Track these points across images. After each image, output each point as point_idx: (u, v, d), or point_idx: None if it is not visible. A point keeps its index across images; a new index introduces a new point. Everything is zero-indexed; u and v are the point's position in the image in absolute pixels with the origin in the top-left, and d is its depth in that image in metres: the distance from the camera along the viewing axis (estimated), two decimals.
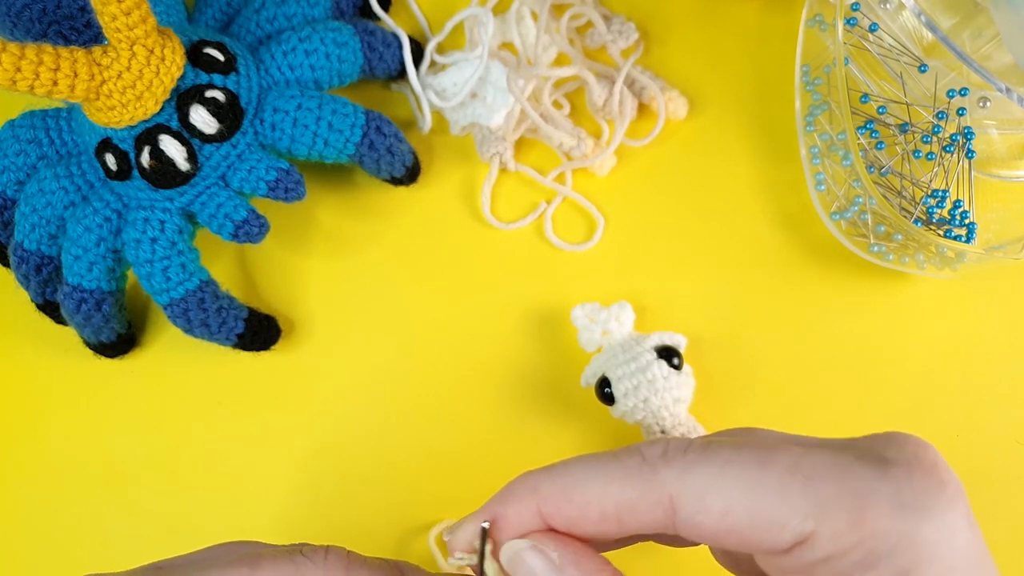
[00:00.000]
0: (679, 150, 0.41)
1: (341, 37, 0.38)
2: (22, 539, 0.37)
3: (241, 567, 0.21)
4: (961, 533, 0.18)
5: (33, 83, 0.28)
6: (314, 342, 0.39)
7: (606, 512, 0.19)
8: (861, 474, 0.17)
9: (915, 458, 0.18)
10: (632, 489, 0.19)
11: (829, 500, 0.17)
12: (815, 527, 0.17)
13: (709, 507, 0.18)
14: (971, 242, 0.35)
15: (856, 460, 0.18)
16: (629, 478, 0.19)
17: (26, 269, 0.36)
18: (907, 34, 0.37)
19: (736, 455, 0.18)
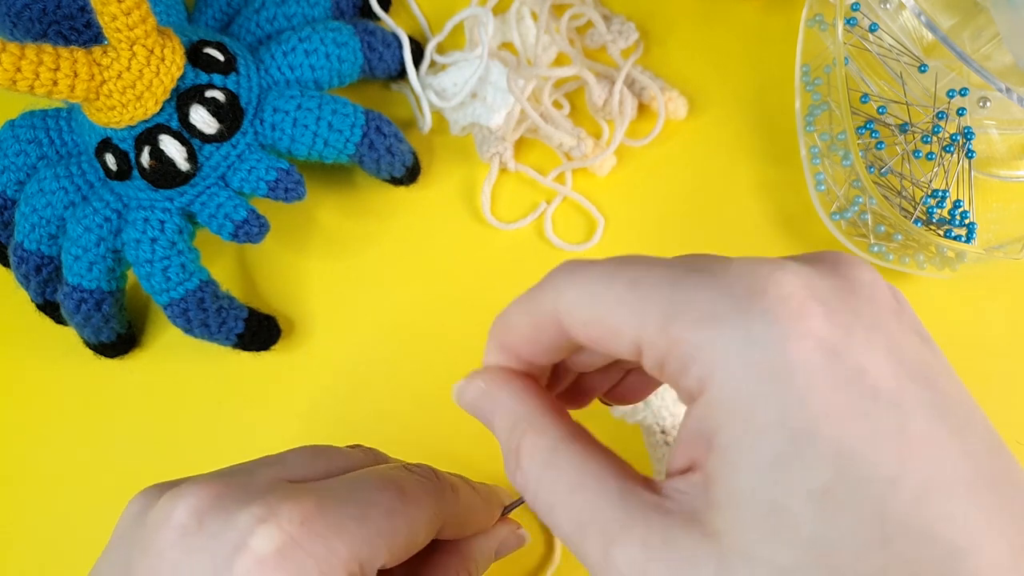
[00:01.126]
0: (679, 150, 0.41)
1: (341, 37, 0.38)
2: (22, 539, 0.37)
3: (392, 490, 0.22)
4: (766, 348, 0.15)
5: (33, 83, 0.28)
6: (314, 342, 0.39)
7: (525, 334, 0.21)
8: (685, 285, 0.17)
9: (751, 272, 0.16)
10: (535, 312, 0.21)
11: (647, 310, 0.17)
12: (638, 335, 0.17)
13: (575, 319, 0.19)
14: (971, 242, 0.35)
15: (688, 271, 0.17)
16: (532, 302, 0.21)
17: (26, 269, 0.36)
18: (907, 34, 0.37)
19: (598, 271, 0.19)
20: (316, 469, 0.23)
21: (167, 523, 0.21)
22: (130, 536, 0.22)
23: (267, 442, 0.37)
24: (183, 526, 0.20)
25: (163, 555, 0.20)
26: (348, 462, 0.24)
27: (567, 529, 0.17)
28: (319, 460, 0.24)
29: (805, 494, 0.14)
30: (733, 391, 0.15)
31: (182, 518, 0.21)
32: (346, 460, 0.24)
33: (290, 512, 0.20)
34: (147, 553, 0.21)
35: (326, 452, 0.25)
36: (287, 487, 0.21)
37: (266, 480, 0.22)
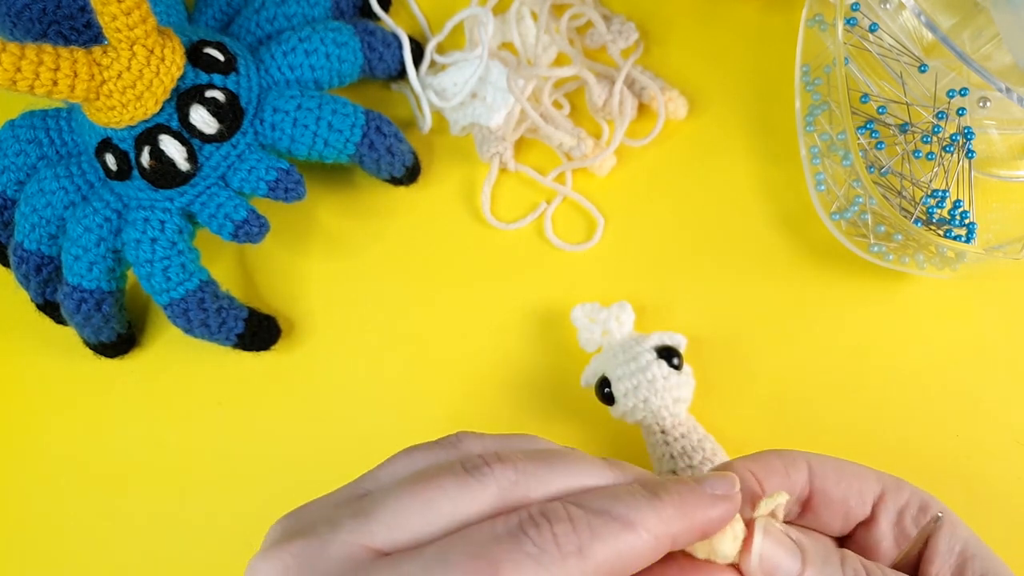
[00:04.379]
0: (679, 150, 0.41)
1: (341, 37, 0.38)
2: (22, 539, 0.37)
3: (482, 567, 0.18)
4: None
5: (33, 83, 0.28)
6: (314, 342, 0.39)
7: (865, 496, 0.25)
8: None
9: None
10: (786, 459, 0.25)
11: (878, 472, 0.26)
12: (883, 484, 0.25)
13: (827, 466, 0.25)
14: (971, 242, 0.35)
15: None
16: (782, 455, 0.25)
17: (26, 269, 0.36)
18: (907, 34, 0.37)
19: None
20: (409, 526, 0.20)
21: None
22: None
23: (267, 442, 0.38)
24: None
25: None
26: (460, 504, 0.20)
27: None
28: (414, 510, 0.20)
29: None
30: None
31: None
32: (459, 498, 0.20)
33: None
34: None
35: (431, 487, 0.20)
36: (352, 572, 0.19)
37: (343, 554, 0.19)
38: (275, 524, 0.22)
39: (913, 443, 0.36)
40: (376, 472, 0.22)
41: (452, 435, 0.23)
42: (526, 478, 0.20)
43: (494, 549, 0.18)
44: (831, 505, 0.25)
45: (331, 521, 0.20)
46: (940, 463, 0.35)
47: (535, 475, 0.20)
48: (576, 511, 0.19)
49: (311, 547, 0.19)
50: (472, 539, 0.19)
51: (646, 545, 0.20)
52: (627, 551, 0.19)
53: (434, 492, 0.20)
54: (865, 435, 0.36)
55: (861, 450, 0.35)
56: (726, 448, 0.34)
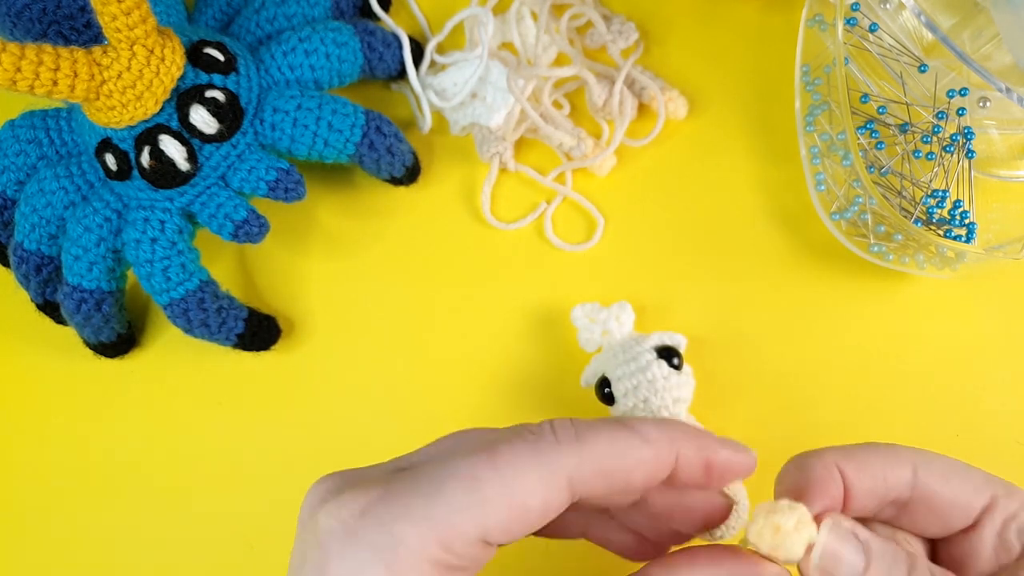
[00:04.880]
0: (679, 150, 0.41)
1: (341, 37, 0.38)
2: (22, 539, 0.37)
3: (480, 454, 0.20)
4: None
5: (33, 83, 0.28)
6: (314, 342, 0.39)
7: (875, 471, 0.23)
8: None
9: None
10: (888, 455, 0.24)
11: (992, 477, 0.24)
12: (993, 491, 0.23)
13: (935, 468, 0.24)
14: (971, 242, 0.35)
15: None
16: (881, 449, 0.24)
17: (26, 269, 0.36)
18: (907, 34, 0.37)
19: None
20: (440, 446, 0.22)
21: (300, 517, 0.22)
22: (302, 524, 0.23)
23: (267, 442, 0.38)
24: (302, 522, 0.22)
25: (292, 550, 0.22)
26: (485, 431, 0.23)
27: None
28: (446, 437, 0.23)
29: None
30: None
31: (303, 515, 0.22)
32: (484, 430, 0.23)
33: (351, 502, 0.20)
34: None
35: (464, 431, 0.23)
36: (379, 476, 0.21)
37: (378, 470, 0.22)
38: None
39: (913, 443, 0.35)
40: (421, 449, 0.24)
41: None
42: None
43: (494, 440, 0.21)
44: (933, 509, 0.24)
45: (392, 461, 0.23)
46: None
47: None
48: (579, 419, 0.22)
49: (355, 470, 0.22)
50: (475, 438, 0.22)
51: (647, 450, 0.21)
52: (625, 450, 0.21)
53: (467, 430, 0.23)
54: (865, 435, 0.36)
55: None
56: None
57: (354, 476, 0.22)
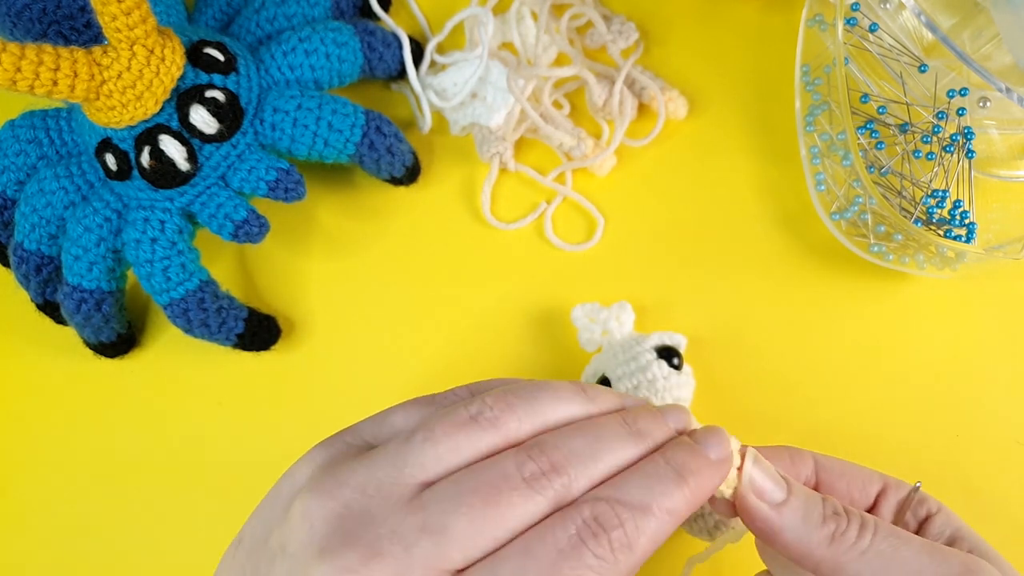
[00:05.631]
0: (679, 150, 0.41)
1: (341, 37, 0.38)
2: (22, 538, 0.37)
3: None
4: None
5: (33, 83, 0.28)
6: (314, 342, 0.39)
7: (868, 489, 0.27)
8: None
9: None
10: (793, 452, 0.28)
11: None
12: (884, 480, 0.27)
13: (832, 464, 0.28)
14: (971, 242, 0.35)
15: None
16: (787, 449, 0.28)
17: (26, 269, 0.36)
18: (907, 34, 0.37)
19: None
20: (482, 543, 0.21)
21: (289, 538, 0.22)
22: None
23: (267, 442, 0.38)
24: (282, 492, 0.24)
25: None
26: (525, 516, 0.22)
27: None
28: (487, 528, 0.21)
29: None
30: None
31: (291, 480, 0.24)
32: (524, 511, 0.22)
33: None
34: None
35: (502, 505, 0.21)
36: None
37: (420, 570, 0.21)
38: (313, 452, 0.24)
39: (913, 443, 0.36)
40: (411, 446, 0.23)
41: (484, 407, 0.23)
42: (575, 479, 0.22)
43: (562, 567, 0.20)
44: (835, 496, 0.26)
45: (400, 536, 0.21)
46: (940, 463, 0.35)
47: (584, 472, 0.22)
48: (623, 512, 0.22)
49: (391, 570, 0.20)
50: (539, 556, 0.21)
51: (674, 524, 0.23)
52: (663, 536, 0.22)
53: (504, 509, 0.21)
54: (865, 435, 0.36)
55: (861, 450, 0.35)
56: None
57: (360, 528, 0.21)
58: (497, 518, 0.21)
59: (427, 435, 0.23)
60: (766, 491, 0.24)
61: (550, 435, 0.23)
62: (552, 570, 0.20)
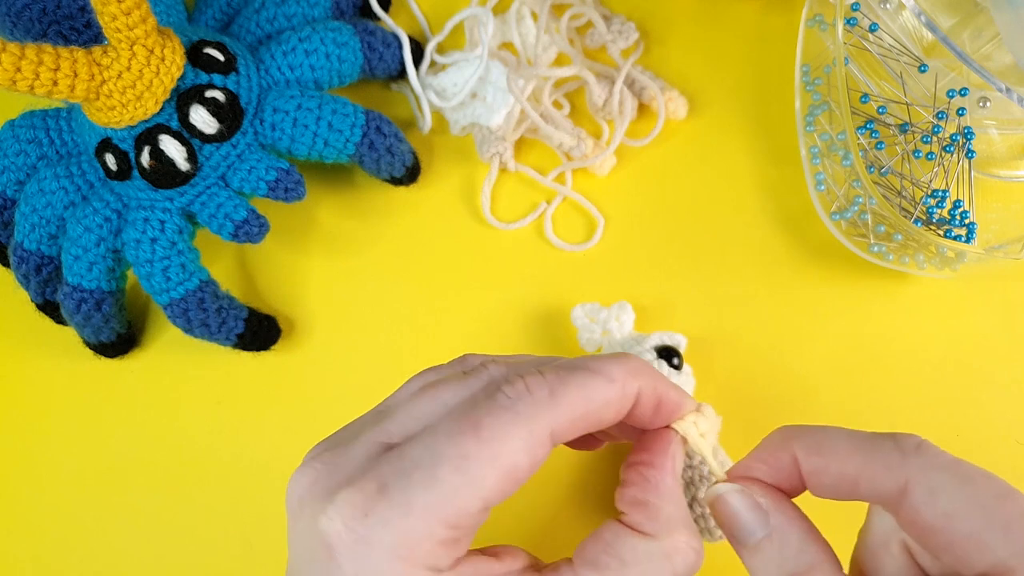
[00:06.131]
0: (679, 150, 0.41)
1: (341, 37, 0.38)
2: (22, 538, 0.37)
3: (465, 431, 0.21)
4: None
5: (33, 83, 0.28)
6: (314, 342, 0.39)
7: (846, 472, 0.22)
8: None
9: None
10: (879, 463, 0.21)
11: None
12: (1017, 567, 0.19)
13: (935, 504, 0.20)
14: (971, 242, 0.35)
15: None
16: (878, 452, 0.22)
17: (26, 269, 0.36)
18: (907, 34, 0.37)
19: (982, 480, 0.21)
20: (418, 418, 0.23)
21: (288, 505, 0.23)
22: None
23: (267, 442, 0.38)
24: (293, 513, 0.23)
25: (289, 542, 0.23)
26: (459, 392, 0.23)
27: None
28: (422, 402, 0.23)
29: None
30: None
31: (292, 505, 0.23)
32: (458, 389, 0.23)
33: (350, 505, 0.21)
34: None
35: (438, 387, 0.23)
36: (368, 464, 0.22)
37: (361, 453, 0.22)
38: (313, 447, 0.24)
39: None
40: (395, 393, 0.25)
41: (466, 359, 0.26)
42: (515, 369, 0.23)
43: (474, 409, 0.22)
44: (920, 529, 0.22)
45: (355, 432, 0.23)
46: None
47: (527, 369, 0.23)
48: (546, 367, 0.23)
49: (336, 453, 0.23)
50: (457, 409, 0.22)
51: (612, 390, 0.23)
52: (594, 393, 0.22)
53: (440, 390, 0.23)
54: None
55: None
56: (726, 448, 0.34)
57: (340, 464, 0.22)
58: (432, 398, 0.23)
59: (406, 382, 0.25)
60: (740, 529, 0.23)
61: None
62: (464, 414, 0.21)
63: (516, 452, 0.21)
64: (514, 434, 0.21)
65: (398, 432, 0.23)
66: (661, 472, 0.24)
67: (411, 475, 0.21)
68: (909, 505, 0.21)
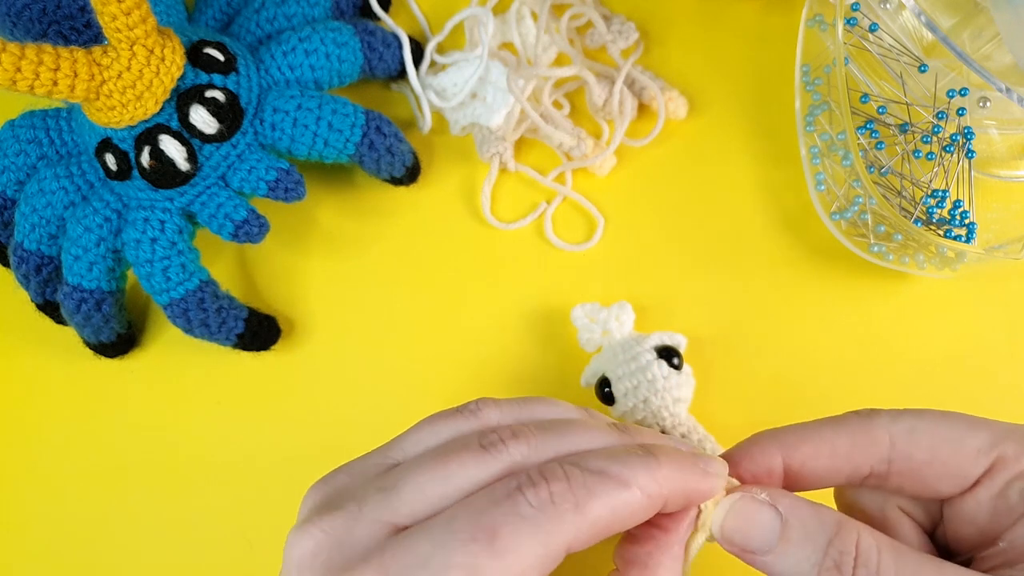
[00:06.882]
0: (679, 150, 0.41)
1: (341, 37, 0.38)
2: (22, 538, 0.37)
3: (479, 539, 0.20)
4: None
5: (33, 83, 0.28)
6: (314, 342, 0.39)
7: (837, 451, 0.23)
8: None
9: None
10: (857, 432, 0.23)
11: (1006, 434, 0.22)
12: (1000, 453, 0.22)
13: (918, 439, 0.23)
14: (971, 242, 0.35)
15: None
16: (853, 424, 0.24)
17: (26, 269, 0.36)
18: (907, 34, 0.37)
19: (927, 411, 0.24)
20: (428, 500, 0.21)
21: (285, 566, 0.22)
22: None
23: (267, 442, 0.38)
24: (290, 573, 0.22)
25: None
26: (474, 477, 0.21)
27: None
28: (434, 484, 0.21)
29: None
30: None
31: (290, 569, 0.21)
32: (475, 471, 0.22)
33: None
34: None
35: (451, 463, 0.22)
36: (373, 548, 0.21)
37: (367, 534, 0.21)
38: (309, 491, 0.23)
39: None
40: (402, 441, 0.24)
41: (472, 403, 0.24)
42: (537, 449, 0.22)
43: (493, 513, 0.20)
44: (917, 479, 0.23)
45: (359, 497, 0.22)
46: None
47: (546, 444, 0.22)
48: (573, 470, 0.21)
49: (341, 524, 0.21)
50: (474, 505, 0.20)
51: (639, 503, 0.21)
52: (621, 507, 0.21)
53: (453, 467, 0.21)
54: None
55: None
56: (726, 448, 0.34)
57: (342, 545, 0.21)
58: (446, 477, 0.21)
59: (416, 426, 0.24)
60: (754, 544, 0.22)
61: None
62: (481, 516, 0.20)
63: (530, 568, 0.20)
64: (530, 549, 0.20)
65: (407, 513, 0.21)
66: (671, 535, 0.23)
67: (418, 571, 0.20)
68: (899, 454, 0.23)
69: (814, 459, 0.24)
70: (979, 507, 0.23)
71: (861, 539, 0.21)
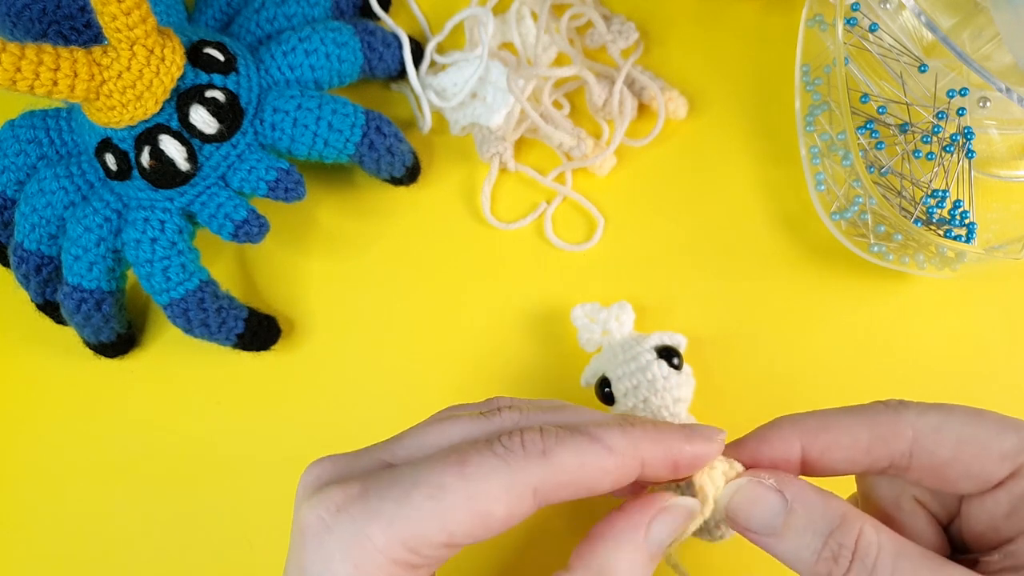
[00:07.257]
0: (679, 150, 0.41)
1: (341, 37, 0.38)
2: (22, 539, 0.37)
3: (450, 463, 0.21)
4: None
5: (33, 83, 0.28)
6: (314, 342, 0.39)
7: (858, 441, 0.23)
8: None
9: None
10: (881, 423, 0.23)
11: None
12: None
13: (944, 437, 0.22)
14: (971, 242, 0.35)
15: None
16: (878, 415, 0.23)
17: (26, 269, 0.36)
18: (907, 34, 0.37)
19: (956, 408, 0.23)
20: (424, 446, 0.23)
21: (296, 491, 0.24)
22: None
23: (266, 442, 0.38)
24: (296, 497, 0.23)
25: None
26: (470, 429, 0.23)
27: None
28: (432, 433, 0.24)
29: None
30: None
31: (298, 491, 0.23)
32: (469, 427, 0.24)
33: (329, 499, 0.22)
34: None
35: (447, 421, 0.24)
36: (364, 469, 0.23)
37: (363, 463, 0.23)
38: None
39: None
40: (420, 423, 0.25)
41: (492, 401, 0.26)
42: (527, 415, 0.24)
43: (468, 449, 0.22)
44: (938, 476, 0.23)
45: (370, 449, 0.24)
46: None
47: (539, 416, 0.23)
48: (549, 426, 0.22)
49: (347, 458, 0.24)
50: (453, 447, 0.22)
51: (610, 459, 0.22)
52: (591, 460, 0.22)
53: (450, 424, 0.24)
54: None
55: None
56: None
57: (342, 466, 0.23)
58: (440, 431, 0.24)
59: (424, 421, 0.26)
60: (756, 525, 0.23)
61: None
62: (460, 455, 0.22)
63: (493, 499, 0.21)
64: (496, 481, 0.21)
65: (402, 455, 0.23)
66: (631, 517, 0.23)
67: (390, 489, 0.21)
68: (921, 449, 0.22)
69: (834, 448, 0.24)
70: (998, 507, 0.23)
71: (863, 534, 0.21)
